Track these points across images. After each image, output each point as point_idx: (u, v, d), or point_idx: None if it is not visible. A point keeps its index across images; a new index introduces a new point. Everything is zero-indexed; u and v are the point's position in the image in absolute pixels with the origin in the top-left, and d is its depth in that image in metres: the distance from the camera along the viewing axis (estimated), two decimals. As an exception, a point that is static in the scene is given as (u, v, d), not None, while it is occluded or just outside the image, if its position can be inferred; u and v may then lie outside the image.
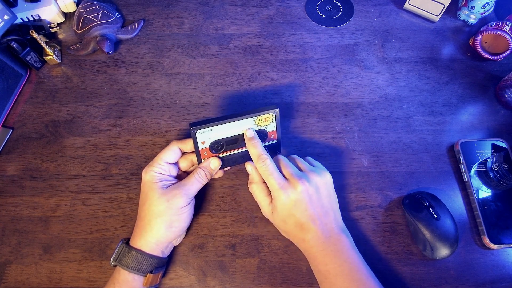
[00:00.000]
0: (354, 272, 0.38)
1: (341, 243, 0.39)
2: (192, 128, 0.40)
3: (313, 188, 0.40)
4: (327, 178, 0.42)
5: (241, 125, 0.42)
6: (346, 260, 0.38)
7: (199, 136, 0.41)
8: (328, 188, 0.42)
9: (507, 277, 0.43)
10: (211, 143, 0.42)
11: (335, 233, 0.40)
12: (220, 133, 0.42)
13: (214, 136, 0.42)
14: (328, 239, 0.39)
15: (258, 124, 0.43)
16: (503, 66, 0.58)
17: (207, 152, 0.43)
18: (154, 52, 0.60)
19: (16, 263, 0.44)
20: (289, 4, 0.66)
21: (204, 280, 0.43)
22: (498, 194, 0.47)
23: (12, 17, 0.52)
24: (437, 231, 0.42)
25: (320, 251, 0.39)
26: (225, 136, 0.42)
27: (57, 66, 0.58)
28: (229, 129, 0.42)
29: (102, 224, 0.46)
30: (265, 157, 0.41)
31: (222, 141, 0.43)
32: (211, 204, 0.47)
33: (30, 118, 0.53)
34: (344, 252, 0.39)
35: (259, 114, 0.42)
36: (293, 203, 0.39)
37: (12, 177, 0.49)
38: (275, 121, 0.44)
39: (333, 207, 0.41)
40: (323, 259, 0.39)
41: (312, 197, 0.40)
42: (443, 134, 0.52)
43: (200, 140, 0.41)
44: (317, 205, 0.40)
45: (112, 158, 0.50)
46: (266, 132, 0.44)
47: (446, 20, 0.63)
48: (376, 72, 0.58)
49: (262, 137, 0.44)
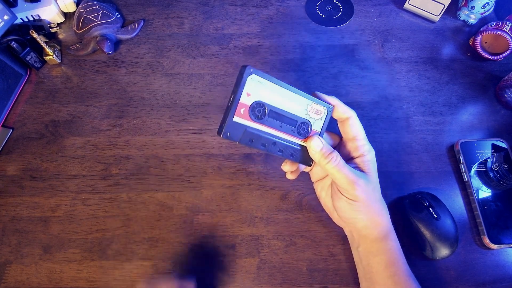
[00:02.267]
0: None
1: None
2: (247, 67, 0.32)
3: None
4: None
5: (294, 102, 0.36)
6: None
7: (250, 81, 0.32)
8: None
9: (507, 277, 0.43)
10: (255, 101, 0.33)
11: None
12: (271, 96, 0.34)
13: (263, 96, 0.34)
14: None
15: (308, 112, 0.37)
16: (503, 66, 0.58)
17: (244, 111, 0.33)
18: (154, 52, 0.60)
19: (16, 263, 0.44)
20: (289, 4, 0.66)
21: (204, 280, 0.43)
22: (498, 194, 0.47)
23: (12, 17, 0.52)
24: (437, 231, 0.42)
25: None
26: (273, 103, 0.35)
27: (57, 66, 0.58)
28: (281, 99, 0.35)
29: (102, 224, 0.46)
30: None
31: (267, 108, 0.34)
32: (211, 204, 0.47)
33: (30, 118, 0.53)
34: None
35: (317, 101, 0.37)
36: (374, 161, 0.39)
37: (12, 177, 0.49)
38: (324, 118, 0.38)
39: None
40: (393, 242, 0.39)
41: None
42: (443, 134, 0.52)
43: (247, 89, 0.33)
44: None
45: (112, 158, 0.50)
46: (310, 127, 0.38)
47: (446, 20, 0.63)
48: (376, 72, 0.58)
49: (303, 131, 0.37)
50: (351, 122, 0.39)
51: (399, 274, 0.38)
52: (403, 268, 0.38)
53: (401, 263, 0.38)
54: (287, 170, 0.41)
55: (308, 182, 0.48)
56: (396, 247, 0.39)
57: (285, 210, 0.47)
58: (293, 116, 0.36)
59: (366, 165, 0.38)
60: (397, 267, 0.38)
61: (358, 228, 0.40)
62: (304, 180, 0.48)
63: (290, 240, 0.45)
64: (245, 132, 0.34)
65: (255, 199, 0.48)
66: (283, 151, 0.36)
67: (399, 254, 0.39)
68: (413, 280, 0.38)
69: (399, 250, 0.39)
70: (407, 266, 0.39)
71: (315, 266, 0.44)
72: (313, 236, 0.45)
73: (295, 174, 0.41)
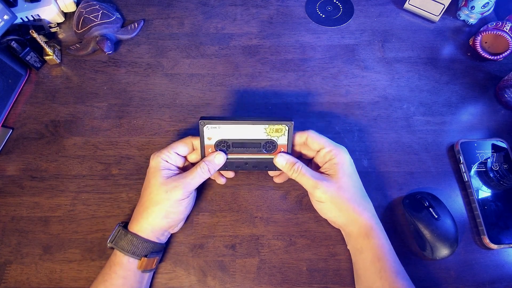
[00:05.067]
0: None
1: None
2: (200, 121, 0.40)
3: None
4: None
5: (251, 130, 0.41)
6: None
7: (206, 130, 0.41)
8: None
9: (507, 277, 0.43)
10: (217, 141, 0.42)
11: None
12: (228, 133, 0.41)
13: (222, 135, 0.42)
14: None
15: (268, 133, 0.42)
16: (503, 66, 0.58)
17: (211, 149, 0.43)
18: (154, 52, 0.60)
19: (16, 263, 0.44)
20: (289, 4, 0.66)
21: (204, 280, 0.43)
22: (498, 194, 0.47)
23: (12, 17, 0.52)
24: (437, 231, 0.42)
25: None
26: (232, 137, 0.42)
27: (57, 66, 0.58)
28: (238, 131, 0.41)
29: (102, 224, 0.46)
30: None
31: (229, 142, 0.42)
32: (211, 204, 0.47)
33: (30, 118, 0.53)
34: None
35: (272, 123, 0.41)
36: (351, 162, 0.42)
37: (12, 177, 0.49)
38: (287, 134, 0.42)
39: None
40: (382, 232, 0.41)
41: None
42: (443, 134, 0.52)
43: (207, 135, 0.41)
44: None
45: (112, 158, 0.50)
46: (276, 144, 0.42)
47: (446, 20, 0.63)
48: (376, 72, 0.58)
49: (269, 148, 0.43)
50: (310, 139, 0.43)
51: (386, 270, 0.38)
52: (390, 265, 0.38)
53: (387, 259, 0.38)
54: (272, 175, 0.47)
55: (308, 182, 0.48)
56: (380, 244, 0.39)
57: (285, 210, 0.47)
58: (255, 140, 0.42)
59: (333, 167, 0.41)
60: (383, 263, 0.38)
61: (341, 226, 0.43)
62: (304, 180, 0.48)
63: (290, 240, 0.45)
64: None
65: (255, 199, 0.48)
66: (257, 166, 0.44)
67: (385, 251, 0.39)
68: (401, 277, 0.38)
69: (385, 247, 0.39)
70: (396, 263, 0.39)
71: (315, 266, 0.44)
72: (313, 236, 0.45)
73: (281, 178, 0.47)
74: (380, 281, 0.37)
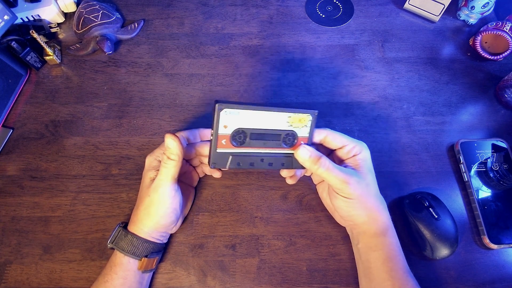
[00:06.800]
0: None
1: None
2: (218, 104, 0.34)
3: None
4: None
5: (273, 119, 0.37)
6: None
7: (223, 116, 0.34)
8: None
9: (507, 277, 0.43)
10: (234, 130, 0.36)
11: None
12: (248, 121, 0.36)
13: (240, 123, 0.36)
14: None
15: (291, 123, 0.38)
16: (503, 66, 0.58)
17: (226, 141, 0.36)
18: (154, 52, 0.60)
19: (16, 263, 0.44)
20: (289, 4, 0.66)
21: (204, 280, 0.43)
22: (498, 194, 0.47)
23: (12, 17, 0.52)
24: (437, 231, 0.42)
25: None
26: (251, 126, 0.36)
27: (57, 66, 0.58)
28: (259, 119, 0.36)
29: (102, 224, 0.46)
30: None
31: (247, 132, 0.36)
32: (211, 204, 0.47)
33: (30, 118, 0.53)
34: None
35: (296, 111, 0.37)
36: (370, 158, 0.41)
37: (12, 177, 0.49)
38: (310, 125, 0.39)
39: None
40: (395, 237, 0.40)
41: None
42: (443, 134, 0.52)
43: (223, 122, 0.35)
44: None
45: (112, 158, 0.50)
46: (296, 136, 0.39)
47: (446, 20, 0.63)
48: (376, 72, 0.58)
49: (289, 141, 0.39)
50: (330, 137, 0.41)
51: (397, 270, 0.38)
52: (401, 264, 0.39)
53: (399, 259, 0.39)
54: (285, 175, 0.43)
55: (308, 182, 0.48)
56: (394, 243, 0.39)
57: (285, 210, 0.47)
58: (275, 131, 0.38)
59: (359, 163, 0.40)
60: (395, 262, 0.38)
61: (357, 224, 0.41)
62: (304, 180, 0.48)
63: (290, 240, 0.45)
64: (232, 158, 0.37)
65: (255, 199, 0.48)
66: (273, 164, 0.39)
67: (397, 250, 0.39)
68: (411, 277, 0.38)
69: (397, 246, 0.40)
70: (405, 263, 0.39)
71: (315, 266, 0.44)
72: (313, 236, 0.45)
73: (294, 179, 0.44)
74: (391, 280, 0.37)
